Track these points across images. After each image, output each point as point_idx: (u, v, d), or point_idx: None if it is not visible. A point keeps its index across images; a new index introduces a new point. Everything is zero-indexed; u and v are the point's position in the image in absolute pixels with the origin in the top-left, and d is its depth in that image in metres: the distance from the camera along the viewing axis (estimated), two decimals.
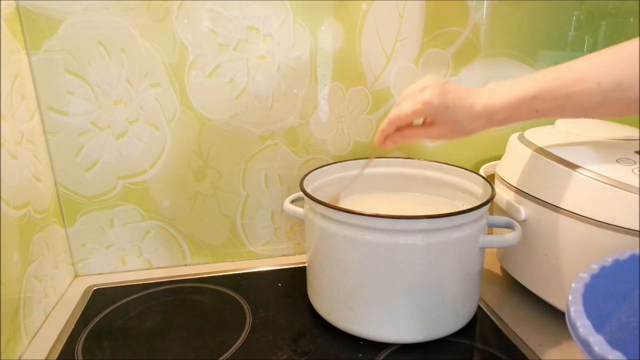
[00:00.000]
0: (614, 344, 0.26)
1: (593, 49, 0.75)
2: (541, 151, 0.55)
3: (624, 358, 0.25)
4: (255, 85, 0.66)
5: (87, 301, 0.63)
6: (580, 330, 0.27)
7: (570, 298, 0.31)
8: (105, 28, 0.60)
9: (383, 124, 0.50)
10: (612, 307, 0.35)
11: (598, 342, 0.26)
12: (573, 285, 0.32)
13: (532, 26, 0.72)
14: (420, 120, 0.50)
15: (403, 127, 0.50)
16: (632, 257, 0.36)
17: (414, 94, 0.47)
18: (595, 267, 0.34)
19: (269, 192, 0.73)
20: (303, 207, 0.58)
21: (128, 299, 0.63)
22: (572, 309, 0.29)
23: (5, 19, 0.55)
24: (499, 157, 0.66)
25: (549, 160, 0.53)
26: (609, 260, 0.35)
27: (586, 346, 0.27)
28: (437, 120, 0.48)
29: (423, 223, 0.47)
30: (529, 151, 0.57)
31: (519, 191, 0.57)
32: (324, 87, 0.69)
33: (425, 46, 0.70)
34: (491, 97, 0.45)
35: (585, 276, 0.33)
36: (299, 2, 0.64)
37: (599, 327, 0.28)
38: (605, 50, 0.42)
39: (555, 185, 0.52)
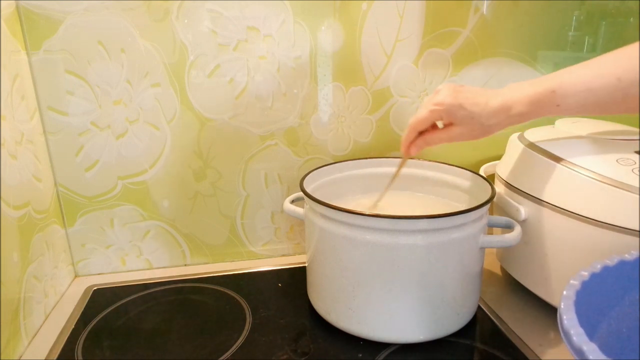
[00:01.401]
0: (604, 350, 0.26)
1: (593, 49, 0.75)
2: (541, 151, 0.55)
3: None
4: (255, 85, 0.66)
5: (87, 301, 0.63)
6: (574, 338, 0.28)
7: (562, 306, 0.31)
8: (105, 28, 0.60)
9: (405, 133, 0.53)
10: (603, 313, 0.35)
11: (592, 351, 0.26)
12: (564, 292, 0.32)
13: (532, 26, 0.72)
14: (441, 125, 0.51)
15: (425, 133, 0.52)
16: (621, 262, 0.36)
17: (429, 99, 0.50)
18: (585, 274, 0.34)
19: (269, 192, 0.73)
20: (303, 207, 0.58)
21: (128, 299, 0.63)
22: (564, 317, 0.30)
23: (5, 19, 0.55)
24: (499, 157, 0.66)
25: (549, 160, 0.53)
26: (598, 267, 0.35)
27: (580, 354, 0.27)
28: (454, 120, 0.49)
29: (423, 223, 0.47)
30: (529, 151, 0.57)
31: (519, 191, 0.57)
32: (324, 87, 0.69)
33: (425, 46, 0.70)
34: (509, 93, 0.46)
35: (576, 283, 0.33)
36: (299, 2, 0.64)
37: (590, 333, 0.28)
38: (625, 47, 0.42)
39: (555, 185, 0.52)
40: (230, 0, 0.62)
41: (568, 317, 0.29)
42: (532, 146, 0.57)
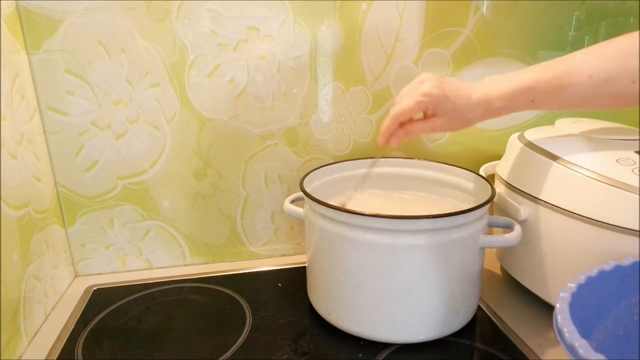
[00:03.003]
0: (601, 351, 0.28)
1: None
2: (541, 151, 0.55)
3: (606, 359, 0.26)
4: (255, 85, 0.66)
5: (87, 301, 0.63)
6: (567, 335, 0.29)
7: (558, 306, 0.32)
8: (105, 28, 0.60)
9: (386, 122, 0.51)
10: (599, 316, 0.36)
11: (583, 346, 0.27)
12: (561, 294, 0.33)
13: (532, 26, 0.72)
14: (420, 115, 0.51)
15: (405, 123, 0.51)
16: (617, 268, 0.37)
17: (413, 89, 0.49)
18: (582, 277, 0.35)
19: (269, 192, 0.73)
20: (303, 207, 0.58)
21: (128, 299, 0.63)
22: (559, 316, 0.31)
23: (5, 19, 0.55)
24: (499, 157, 0.66)
25: (549, 160, 0.53)
26: (594, 271, 0.36)
27: (572, 350, 0.28)
28: (437, 112, 0.49)
29: (423, 223, 0.47)
30: (528, 151, 0.57)
31: (519, 191, 0.57)
32: (324, 87, 0.69)
33: (425, 46, 0.70)
34: (488, 88, 0.47)
35: (572, 286, 0.34)
36: (299, 2, 0.64)
37: (586, 335, 0.30)
38: (597, 45, 0.43)
39: (555, 185, 0.52)
40: (230, 0, 0.62)
41: (562, 317, 0.31)
42: (532, 146, 0.57)
